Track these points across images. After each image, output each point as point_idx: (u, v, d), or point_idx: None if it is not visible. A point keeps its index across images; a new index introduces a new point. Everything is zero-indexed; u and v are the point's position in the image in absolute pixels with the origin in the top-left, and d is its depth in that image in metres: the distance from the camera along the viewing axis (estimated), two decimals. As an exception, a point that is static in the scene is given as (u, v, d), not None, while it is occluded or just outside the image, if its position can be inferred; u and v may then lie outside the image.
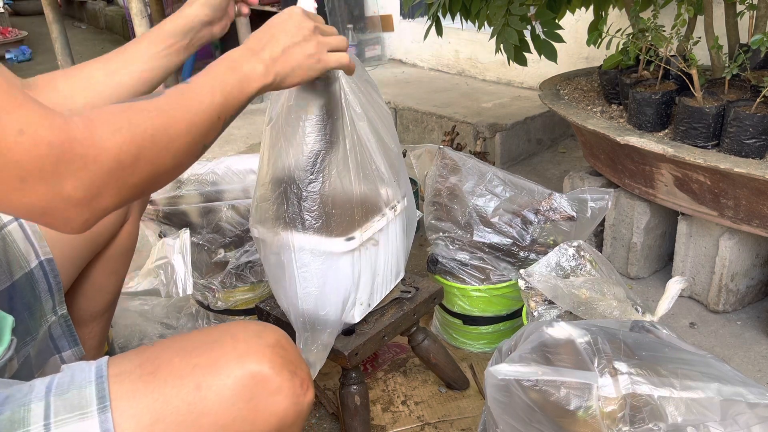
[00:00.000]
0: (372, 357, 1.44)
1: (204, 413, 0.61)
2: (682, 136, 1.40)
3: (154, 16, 3.76)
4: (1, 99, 0.50)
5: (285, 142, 0.97)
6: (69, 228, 0.57)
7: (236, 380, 0.62)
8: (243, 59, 0.72)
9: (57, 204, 0.54)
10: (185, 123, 0.62)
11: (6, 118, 0.50)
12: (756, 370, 1.36)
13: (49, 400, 0.59)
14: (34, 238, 0.84)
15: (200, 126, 0.64)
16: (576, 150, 2.66)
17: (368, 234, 1.00)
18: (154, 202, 1.42)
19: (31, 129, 0.50)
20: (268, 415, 0.63)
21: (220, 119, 0.67)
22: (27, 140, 0.50)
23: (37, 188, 0.52)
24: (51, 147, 0.51)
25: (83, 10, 7.32)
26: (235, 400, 0.62)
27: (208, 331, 0.69)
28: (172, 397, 0.61)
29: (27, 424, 0.57)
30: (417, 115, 2.84)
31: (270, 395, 0.63)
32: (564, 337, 0.77)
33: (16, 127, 0.50)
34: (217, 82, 0.67)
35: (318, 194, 0.96)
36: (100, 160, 0.54)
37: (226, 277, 1.45)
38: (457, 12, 1.76)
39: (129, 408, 0.59)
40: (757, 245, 1.46)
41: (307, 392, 0.67)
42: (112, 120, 0.56)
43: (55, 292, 0.86)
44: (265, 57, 0.73)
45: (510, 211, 1.39)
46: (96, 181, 0.54)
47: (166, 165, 0.61)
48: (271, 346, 0.66)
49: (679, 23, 1.45)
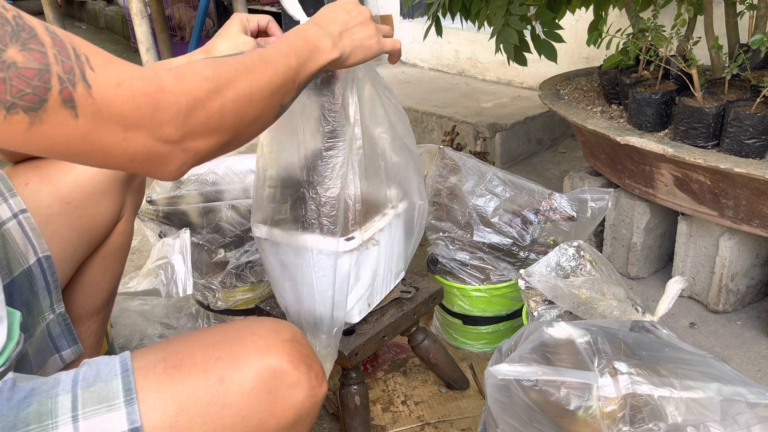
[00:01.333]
0: (372, 357, 1.44)
1: (226, 405, 0.64)
2: (682, 136, 1.40)
3: (154, 16, 3.76)
4: (96, 57, 0.54)
5: (288, 142, 0.97)
6: (168, 173, 0.61)
7: (257, 374, 0.65)
8: (313, 32, 0.76)
9: (157, 148, 0.58)
10: (266, 79, 0.66)
11: (104, 74, 0.54)
12: (756, 370, 1.36)
13: (77, 392, 0.61)
14: (33, 236, 0.84)
15: (279, 84, 0.68)
16: (576, 150, 2.66)
17: (368, 234, 1.00)
18: (154, 202, 1.42)
19: (126, 82, 0.54)
20: (287, 407, 0.67)
21: (295, 82, 0.71)
22: (125, 92, 0.54)
23: (138, 136, 0.56)
24: (147, 96, 0.55)
25: (83, 10, 7.32)
26: (256, 393, 0.65)
27: (227, 326, 0.72)
28: (196, 389, 0.63)
29: (55, 416, 0.59)
30: (417, 115, 2.84)
31: (288, 388, 0.67)
32: (564, 337, 0.77)
33: (114, 81, 0.54)
34: (292, 49, 0.72)
35: (320, 194, 0.96)
36: (190, 106, 0.58)
37: (226, 277, 1.45)
38: (457, 12, 1.76)
39: (154, 399, 0.62)
40: (757, 245, 1.46)
41: (321, 384, 0.70)
42: (199, 71, 0.60)
43: (53, 289, 0.87)
44: (334, 32, 0.78)
45: (510, 211, 1.39)
46: (188, 126, 0.59)
47: (249, 117, 0.65)
48: (288, 341, 0.69)
49: (679, 23, 1.46)
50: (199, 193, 1.41)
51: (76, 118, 0.52)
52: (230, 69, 0.63)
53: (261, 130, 0.70)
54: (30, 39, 0.50)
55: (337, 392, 1.16)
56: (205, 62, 0.62)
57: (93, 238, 0.98)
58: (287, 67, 0.69)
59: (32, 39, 0.51)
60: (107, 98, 0.53)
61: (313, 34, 0.76)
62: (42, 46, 0.51)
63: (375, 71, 1.00)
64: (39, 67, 0.50)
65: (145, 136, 0.56)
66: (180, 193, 1.41)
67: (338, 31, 0.79)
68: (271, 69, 0.67)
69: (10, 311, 0.72)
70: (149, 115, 0.55)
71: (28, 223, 0.85)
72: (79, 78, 0.52)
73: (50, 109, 0.51)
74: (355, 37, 0.81)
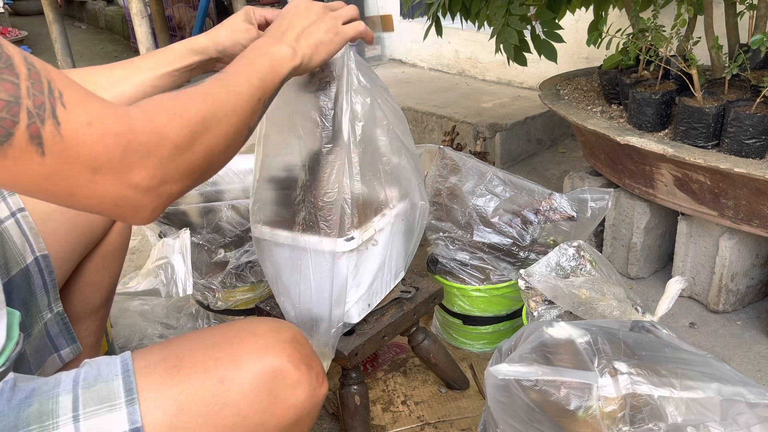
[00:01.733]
0: (372, 357, 1.44)
1: (227, 404, 0.64)
2: (682, 136, 1.40)
3: (154, 16, 3.76)
4: (70, 93, 0.52)
5: (287, 142, 0.97)
6: (139, 217, 0.59)
7: (257, 374, 0.65)
8: (269, 45, 0.75)
9: (127, 193, 0.55)
10: (231, 105, 0.65)
11: (75, 111, 0.51)
12: (756, 370, 1.36)
13: (77, 392, 0.62)
14: (30, 235, 0.85)
15: (244, 108, 0.67)
16: (576, 150, 2.66)
17: (368, 234, 1.00)
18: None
19: (97, 121, 0.52)
20: (288, 407, 0.67)
21: (260, 101, 0.70)
22: (95, 131, 0.52)
23: (107, 179, 0.54)
24: (117, 137, 0.53)
25: (83, 10, 7.32)
26: (256, 393, 0.65)
27: (228, 327, 0.72)
28: (196, 389, 0.64)
29: (56, 416, 0.60)
30: (417, 115, 2.84)
31: (289, 388, 0.67)
32: (564, 337, 0.77)
33: (84, 119, 0.52)
34: (252, 68, 0.71)
35: (319, 194, 0.96)
36: (161, 146, 0.56)
37: (226, 277, 1.45)
38: (457, 12, 1.76)
39: (155, 399, 0.62)
40: (757, 245, 1.46)
41: (322, 384, 0.70)
42: (166, 107, 0.59)
43: (50, 288, 0.87)
44: (289, 39, 0.77)
45: (510, 211, 1.39)
46: (160, 167, 0.56)
47: (219, 147, 0.64)
48: (289, 341, 0.69)
49: (679, 23, 1.45)
50: (199, 193, 1.41)
51: (43, 155, 0.50)
52: (195, 102, 0.61)
53: (232, 155, 0.68)
54: (5, 68, 0.49)
55: (337, 392, 1.15)
56: (171, 98, 0.60)
57: (91, 237, 0.98)
58: (251, 88, 0.68)
59: (7, 68, 0.49)
60: (76, 137, 0.51)
61: (270, 46, 0.75)
62: (16, 78, 0.49)
63: (372, 72, 1.00)
64: (9, 99, 0.48)
65: (113, 179, 0.54)
66: (180, 193, 1.41)
67: (294, 36, 0.77)
68: (235, 95, 0.66)
69: (9, 311, 0.72)
70: (119, 156, 0.53)
71: (26, 222, 0.85)
72: (49, 114, 0.50)
73: (15, 144, 0.49)
74: (312, 37, 0.79)
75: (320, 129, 0.94)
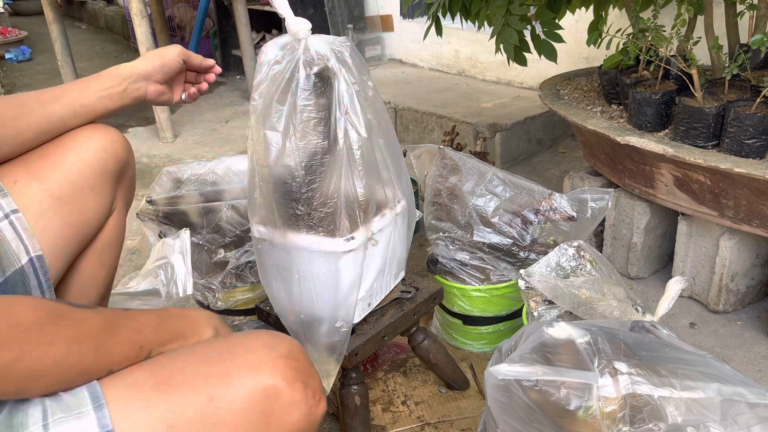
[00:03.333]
0: (372, 357, 1.44)
1: (217, 424, 0.61)
2: (682, 136, 1.40)
3: (154, 16, 3.76)
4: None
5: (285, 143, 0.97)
6: None
7: (249, 393, 0.62)
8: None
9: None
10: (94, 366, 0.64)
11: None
12: (756, 370, 1.36)
13: (45, 402, 0.60)
14: (25, 236, 0.85)
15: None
16: (576, 150, 2.66)
17: (368, 234, 1.00)
18: (154, 202, 1.42)
19: None
20: (281, 427, 0.64)
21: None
22: None
23: None
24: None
25: (83, 10, 7.33)
26: (248, 413, 0.62)
27: (222, 341, 0.69)
28: (185, 407, 0.61)
29: (26, 426, 0.58)
30: (417, 115, 2.84)
31: (283, 408, 0.64)
32: (564, 337, 0.77)
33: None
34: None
35: (319, 194, 0.95)
36: None
37: (226, 277, 1.45)
38: (457, 12, 1.76)
39: (142, 417, 0.60)
40: (758, 245, 1.46)
41: (319, 403, 0.67)
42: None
43: (45, 288, 0.87)
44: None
45: (510, 211, 1.39)
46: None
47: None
48: (284, 357, 0.66)
49: (679, 23, 1.45)
50: (199, 193, 1.41)
51: None
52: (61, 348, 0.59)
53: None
54: None
55: (337, 392, 1.15)
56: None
57: (85, 233, 0.98)
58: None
59: None
60: None
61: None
62: None
63: (368, 73, 1.00)
64: None
65: None
66: (180, 193, 1.41)
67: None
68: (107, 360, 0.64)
69: None
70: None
71: (20, 224, 0.85)
72: None
73: None
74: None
75: (318, 128, 0.94)
